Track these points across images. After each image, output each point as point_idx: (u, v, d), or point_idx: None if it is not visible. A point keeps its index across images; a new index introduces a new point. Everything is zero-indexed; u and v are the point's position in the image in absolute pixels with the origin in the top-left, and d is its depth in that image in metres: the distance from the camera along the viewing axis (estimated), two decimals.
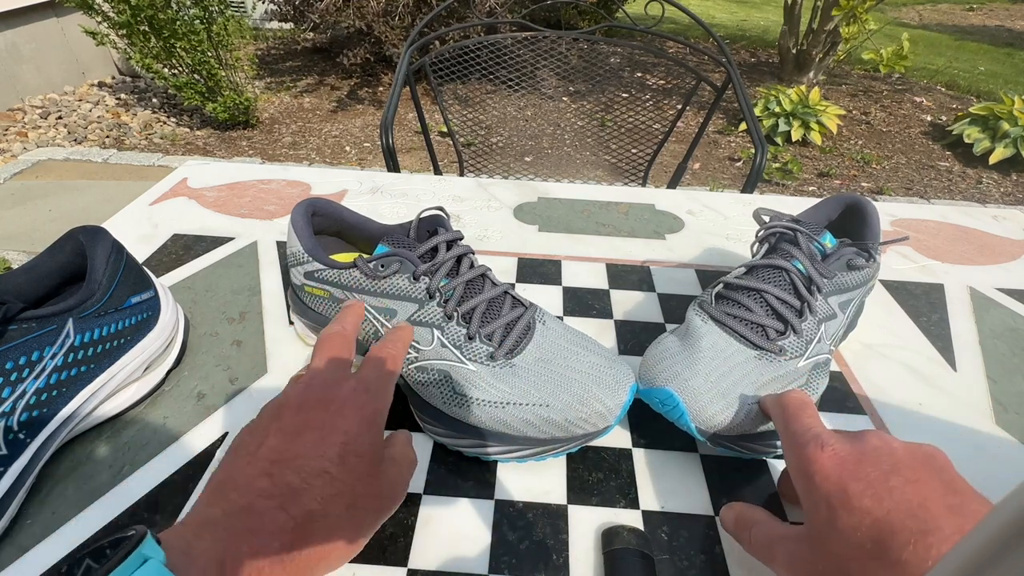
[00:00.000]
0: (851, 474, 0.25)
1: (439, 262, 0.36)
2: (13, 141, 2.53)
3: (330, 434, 0.25)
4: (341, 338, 0.31)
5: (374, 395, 0.28)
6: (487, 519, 0.33)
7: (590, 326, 0.48)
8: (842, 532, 0.24)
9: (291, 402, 0.27)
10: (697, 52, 1.29)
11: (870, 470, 0.25)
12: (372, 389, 0.28)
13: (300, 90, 3.31)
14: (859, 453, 0.26)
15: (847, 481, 0.25)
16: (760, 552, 0.28)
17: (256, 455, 0.25)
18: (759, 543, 0.28)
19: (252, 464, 0.24)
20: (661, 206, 0.68)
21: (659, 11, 1.04)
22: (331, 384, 0.28)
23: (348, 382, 0.28)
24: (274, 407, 0.27)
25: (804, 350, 0.36)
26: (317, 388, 0.27)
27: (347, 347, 0.31)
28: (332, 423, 0.26)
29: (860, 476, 0.25)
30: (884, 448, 0.26)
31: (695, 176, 2.56)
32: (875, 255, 0.42)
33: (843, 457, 0.26)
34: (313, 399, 0.27)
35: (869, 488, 0.24)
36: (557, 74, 1.25)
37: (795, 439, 0.28)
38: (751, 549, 0.29)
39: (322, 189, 0.68)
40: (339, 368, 0.29)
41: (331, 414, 0.26)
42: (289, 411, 0.26)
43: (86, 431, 0.36)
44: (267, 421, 0.26)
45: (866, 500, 0.24)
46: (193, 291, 0.50)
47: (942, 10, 6.05)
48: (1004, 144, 2.54)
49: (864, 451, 0.26)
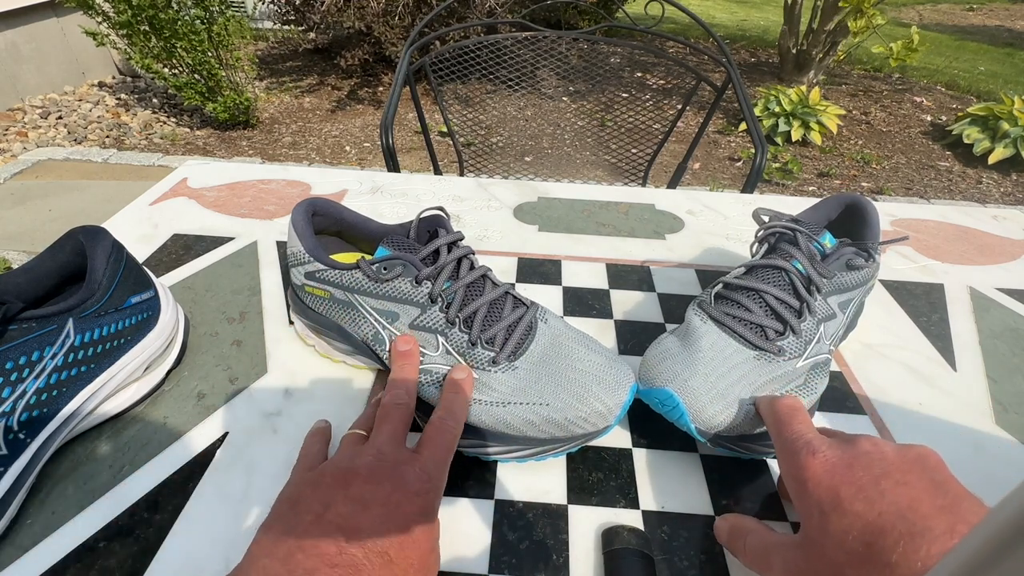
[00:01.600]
0: (842, 479, 0.25)
1: (441, 265, 0.36)
2: (13, 141, 2.53)
3: (395, 515, 0.26)
4: (406, 411, 0.32)
5: (435, 485, 0.28)
6: (487, 519, 0.33)
7: (590, 326, 0.48)
8: (835, 537, 0.24)
9: (361, 472, 0.27)
10: (697, 52, 1.29)
11: (861, 474, 0.25)
12: (433, 478, 0.28)
13: (300, 90, 3.31)
14: (850, 458, 0.26)
15: (838, 486, 0.25)
16: (755, 562, 0.28)
17: (323, 517, 0.25)
18: (754, 552, 0.28)
19: (318, 526, 0.25)
20: (661, 206, 0.68)
21: (659, 11, 1.04)
22: (398, 463, 0.28)
23: (413, 466, 0.28)
24: (340, 473, 0.27)
25: (803, 350, 0.36)
26: (387, 465, 0.28)
27: (408, 419, 0.32)
28: (398, 505, 0.26)
29: (851, 481, 0.25)
30: (875, 452, 0.26)
31: (695, 176, 2.56)
32: (875, 255, 0.42)
33: (834, 463, 0.26)
34: (382, 475, 0.27)
35: (860, 492, 0.24)
36: (557, 74, 1.25)
37: (787, 446, 0.28)
38: (746, 559, 0.29)
39: (322, 189, 0.68)
40: (403, 446, 0.30)
41: (397, 496, 0.26)
42: (359, 480, 0.27)
43: (86, 431, 0.36)
44: (334, 485, 0.26)
45: (857, 504, 0.24)
46: (193, 291, 0.50)
47: (942, 10, 6.05)
48: (1004, 144, 2.54)
49: (855, 456, 0.26)
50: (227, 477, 0.34)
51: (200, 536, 0.31)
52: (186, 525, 0.32)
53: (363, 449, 0.29)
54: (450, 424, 0.31)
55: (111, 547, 0.30)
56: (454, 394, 0.33)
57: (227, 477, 0.34)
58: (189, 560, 0.30)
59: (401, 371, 0.35)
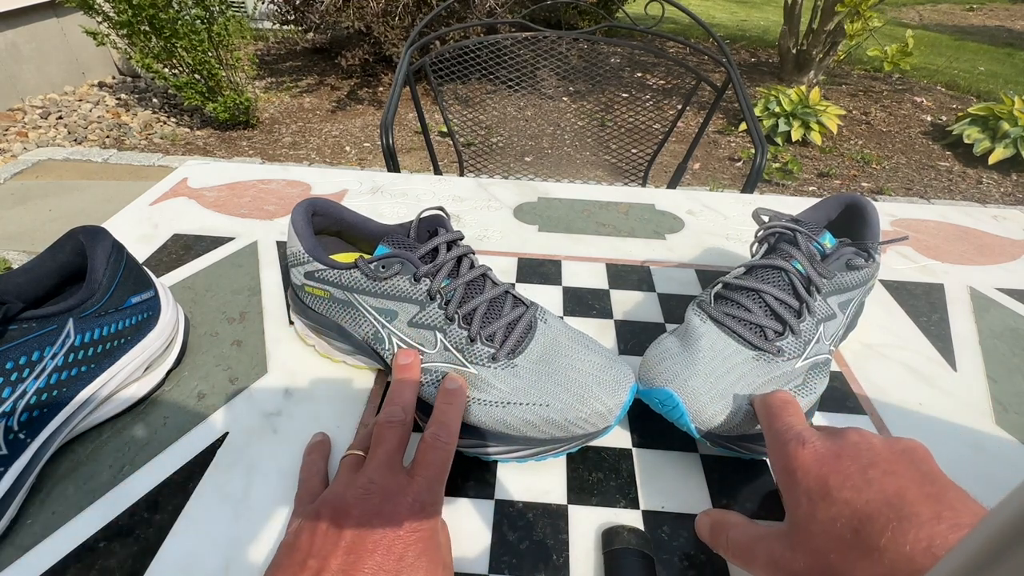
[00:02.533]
0: (831, 468, 0.26)
1: (440, 263, 0.36)
2: (13, 141, 2.53)
3: (389, 557, 0.25)
4: (401, 430, 0.32)
5: (430, 512, 0.28)
6: (487, 519, 0.33)
7: (590, 326, 0.48)
8: (823, 524, 0.24)
9: (352, 513, 0.26)
10: (697, 52, 1.29)
11: (849, 463, 0.25)
12: (427, 505, 0.28)
13: (300, 90, 3.32)
14: (838, 448, 0.26)
15: (827, 475, 0.25)
16: (739, 556, 0.28)
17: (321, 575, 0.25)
18: (737, 547, 0.28)
19: None
20: (661, 206, 0.68)
21: (659, 11, 1.04)
22: (390, 495, 0.28)
23: (406, 497, 0.28)
24: (335, 513, 0.27)
25: (802, 350, 0.36)
26: (376, 499, 0.27)
27: (405, 438, 0.32)
28: (391, 546, 0.26)
29: (839, 470, 0.25)
30: (863, 443, 0.27)
31: (695, 176, 2.56)
32: (875, 255, 0.42)
33: (823, 453, 0.26)
34: (372, 512, 0.27)
35: (848, 480, 0.25)
36: (557, 74, 1.25)
37: (777, 437, 0.29)
38: (728, 554, 0.29)
39: (322, 189, 0.68)
40: (397, 470, 0.29)
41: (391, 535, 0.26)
42: (351, 524, 0.26)
43: (86, 431, 0.36)
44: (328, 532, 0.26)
45: (845, 492, 0.24)
46: (193, 291, 0.50)
47: (942, 10, 6.05)
48: (1004, 144, 2.54)
49: (843, 446, 0.26)
50: (227, 477, 0.34)
51: (200, 536, 0.31)
52: (186, 525, 0.32)
53: (356, 478, 0.29)
54: (443, 440, 0.31)
55: (111, 547, 0.30)
56: (447, 405, 0.33)
57: (227, 477, 0.34)
58: (189, 560, 0.30)
59: (399, 387, 0.34)
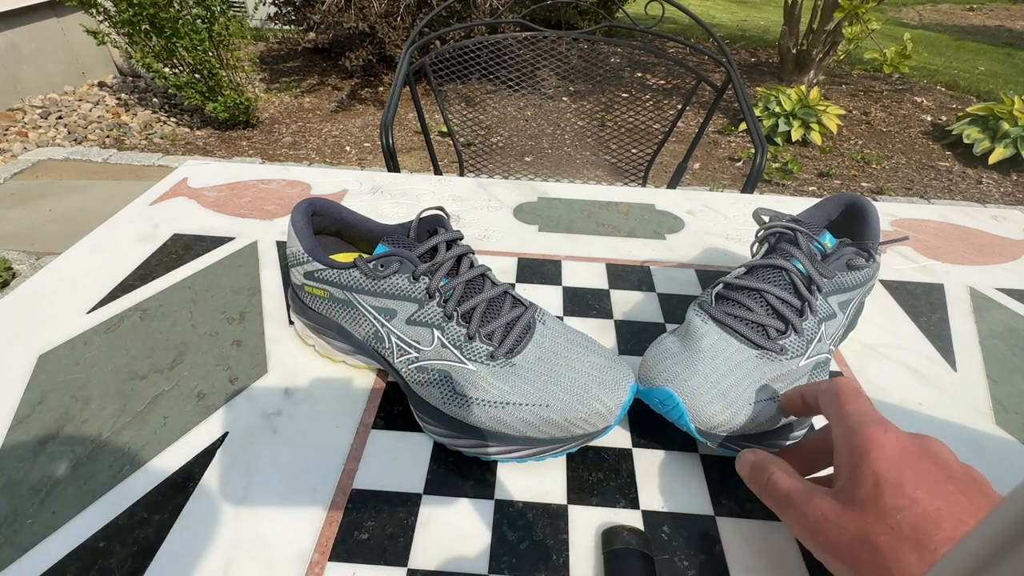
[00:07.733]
0: (911, 464, 0.26)
1: (439, 262, 0.36)
2: (13, 141, 2.53)
3: None
4: None
5: None
6: (487, 519, 0.33)
7: (590, 326, 0.48)
8: (882, 509, 0.25)
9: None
10: (697, 52, 1.29)
11: (930, 467, 0.26)
12: None
13: (300, 90, 3.31)
14: (922, 449, 0.27)
15: (904, 468, 0.26)
16: (776, 499, 0.29)
17: None
18: (777, 490, 0.29)
19: None
20: (661, 206, 0.68)
21: (659, 11, 1.04)
22: None
23: None
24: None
25: (805, 349, 0.36)
26: None
27: None
28: None
29: (919, 469, 0.26)
30: (944, 456, 0.27)
31: (695, 176, 2.56)
32: (875, 255, 0.42)
33: (906, 445, 0.27)
34: None
35: (925, 482, 0.25)
36: (557, 74, 1.25)
37: (857, 418, 0.28)
38: (765, 494, 0.30)
39: (322, 189, 0.68)
40: None
41: None
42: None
43: (86, 431, 0.36)
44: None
45: (919, 491, 0.25)
46: (193, 291, 0.50)
47: (942, 10, 6.05)
48: (1004, 144, 2.54)
49: (926, 450, 0.27)
50: (227, 477, 0.34)
51: (200, 536, 0.31)
52: (186, 525, 0.32)
53: None
54: None
55: (111, 547, 0.30)
56: None
57: (227, 477, 0.34)
58: (189, 560, 0.30)
59: None
